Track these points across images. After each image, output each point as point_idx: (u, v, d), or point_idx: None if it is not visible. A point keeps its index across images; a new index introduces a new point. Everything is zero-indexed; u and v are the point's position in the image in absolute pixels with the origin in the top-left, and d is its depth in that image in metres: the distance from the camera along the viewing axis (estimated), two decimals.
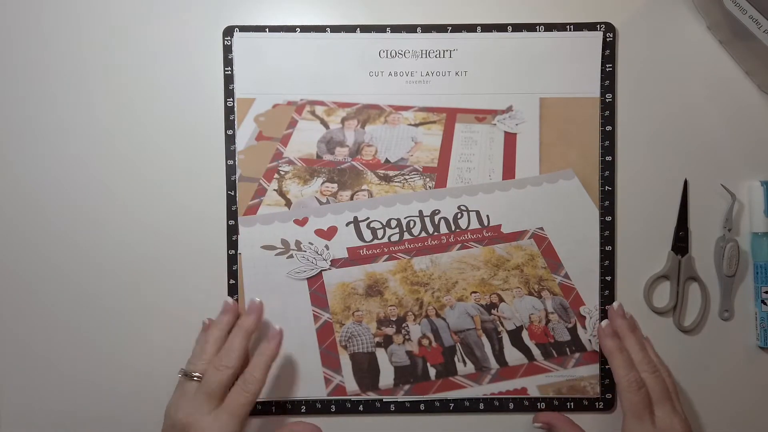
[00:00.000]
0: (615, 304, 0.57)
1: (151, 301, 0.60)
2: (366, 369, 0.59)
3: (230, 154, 0.60)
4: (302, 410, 0.59)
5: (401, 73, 0.60)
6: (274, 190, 0.60)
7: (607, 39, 0.60)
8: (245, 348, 0.55)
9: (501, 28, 0.60)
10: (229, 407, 0.52)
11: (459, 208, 0.60)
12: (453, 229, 0.60)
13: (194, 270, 0.60)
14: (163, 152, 0.60)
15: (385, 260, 0.60)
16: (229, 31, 0.60)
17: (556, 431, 0.57)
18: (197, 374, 0.53)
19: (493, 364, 0.59)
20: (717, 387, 0.60)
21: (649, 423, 0.52)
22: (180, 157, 0.60)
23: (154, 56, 0.60)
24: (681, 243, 0.59)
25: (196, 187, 0.60)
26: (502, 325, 0.59)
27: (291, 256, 0.60)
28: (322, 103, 0.61)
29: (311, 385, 0.58)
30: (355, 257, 0.60)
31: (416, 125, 0.61)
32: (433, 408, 0.59)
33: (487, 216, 0.60)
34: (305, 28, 0.60)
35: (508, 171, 0.60)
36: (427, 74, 0.60)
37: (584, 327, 0.59)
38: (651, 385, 0.53)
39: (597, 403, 0.59)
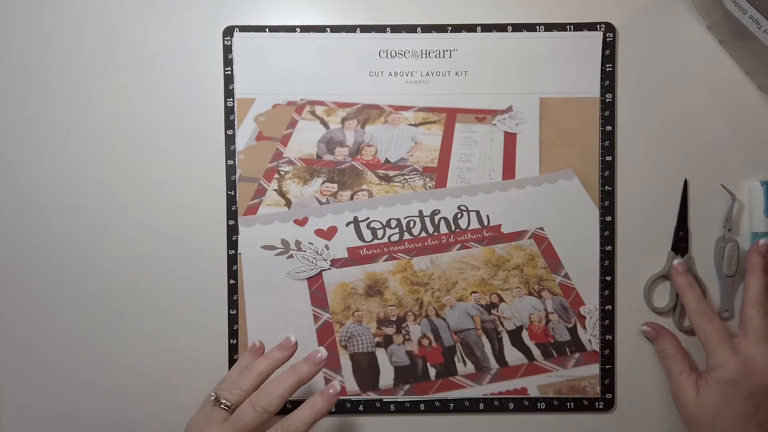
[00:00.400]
0: (676, 262, 0.58)
1: (151, 301, 0.60)
2: (366, 369, 0.59)
3: (230, 154, 0.60)
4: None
5: (401, 73, 0.60)
6: (274, 190, 0.60)
7: (607, 39, 0.60)
8: (290, 395, 0.51)
9: (501, 28, 0.60)
10: None
11: (459, 208, 0.60)
12: (453, 229, 0.60)
13: (194, 270, 0.60)
14: (163, 152, 0.60)
15: (385, 260, 0.60)
16: (229, 31, 0.60)
17: (658, 345, 0.58)
18: (229, 404, 0.51)
19: (493, 364, 0.59)
20: None
21: (730, 351, 0.53)
22: (180, 157, 0.60)
23: (154, 56, 0.60)
24: (681, 243, 0.59)
25: (196, 187, 0.60)
26: (502, 325, 0.59)
27: (291, 256, 0.60)
28: (322, 103, 0.61)
29: (311, 385, 0.58)
30: (355, 257, 0.60)
31: (416, 125, 0.61)
32: (433, 408, 0.59)
33: (487, 216, 0.60)
34: (305, 28, 0.60)
35: (508, 171, 0.60)
36: (427, 74, 0.60)
37: (584, 327, 0.59)
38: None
39: (597, 403, 0.59)
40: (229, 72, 0.60)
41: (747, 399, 0.52)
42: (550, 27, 0.60)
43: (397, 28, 0.60)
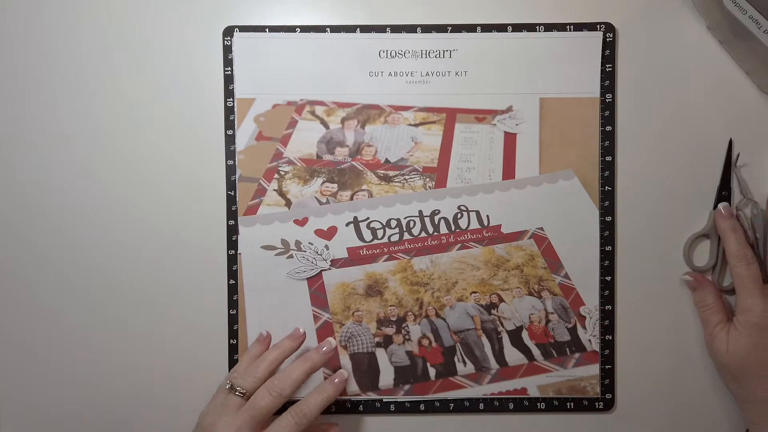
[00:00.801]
0: (721, 205, 0.58)
1: (151, 301, 0.60)
2: (366, 369, 0.59)
3: (230, 154, 0.60)
4: None
5: (401, 73, 0.60)
6: (274, 190, 0.60)
7: (607, 39, 0.60)
8: (304, 382, 0.55)
9: (501, 28, 0.60)
10: None
11: (459, 208, 0.60)
12: (453, 229, 0.60)
13: (194, 270, 0.60)
14: (163, 152, 0.60)
15: (385, 260, 0.60)
16: (229, 31, 0.60)
17: (698, 295, 0.58)
18: (244, 391, 0.53)
19: (493, 364, 0.59)
20: None
21: (759, 296, 0.54)
22: (180, 157, 0.60)
23: (154, 56, 0.60)
24: (723, 202, 0.59)
25: (196, 187, 0.60)
26: (502, 325, 0.59)
27: (291, 256, 0.60)
28: (321, 103, 0.61)
29: (312, 385, 0.58)
30: (355, 257, 0.60)
31: (416, 125, 0.61)
32: (433, 408, 0.59)
33: (487, 216, 0.60)
34: (305, 28, 0.60)
35: (508, 171, 0.60)
36: (427, 74, 0.60)
37: (584, 327, 0.59)
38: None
39: (597, 403, 0.59)
40: (229, 72, 0.60)
41: None
42: (550, 27, 0.60)
43: (397, 28, 0.60)
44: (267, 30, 0.60)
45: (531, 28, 0.60)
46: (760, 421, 0.53)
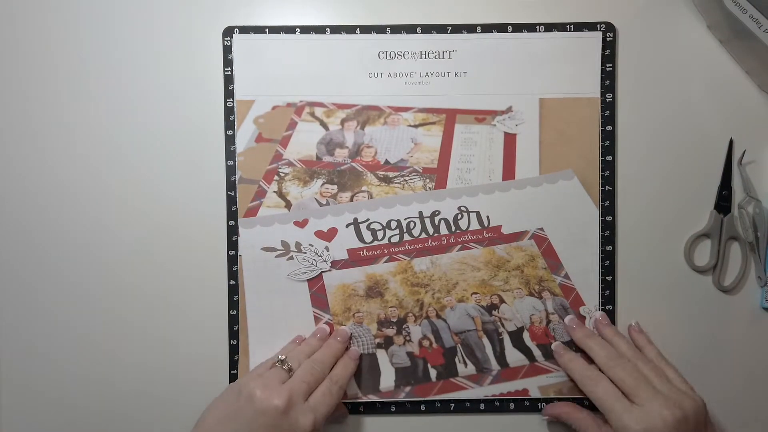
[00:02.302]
0: (567, 318, 0.59)
1: (151, 301, 0.60)
2: (367, 370, 0.59)
3: (230, 154, 0.60)
4: None
5: (401, 74, 0.60)
6: (274, 191, 0.60)
7: (607, 39, 0.60)
8: (331, 366, 0.56)
9: (501, 28, 0.60)
10: (323, 398, 0.53)
11: (459, 209, 0.60)
12: (453, 230, 0.60)
13: (194, 270, 0.60)
14: (164, 152, 0.60)
15: (386, 261, 0.60)
16: (228, 32, 0.60)
17: (566, 420, 0.57)
18: (291, 366, 0.54)
19: (494, 365, 0.59)
20: (758, 345, 0.60)
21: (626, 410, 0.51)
22: (180, 157, 0.60)
23: (154, 57, 0.60)
24: (724, 202, 0.59)
25: (197, 188, 0.60)
26: (503, 326, 0.59)
27: (291, 258, 0.60)
28: (321, 105, 0.60)
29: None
30: (355, 258, 0.60)
31: (416, 126, 0.61)
32: (434, 409, 0.59)
33: (487, 217, 0.60)
34: (305, 29, 0.60)
35: (508, 171, 0.60)
36: (427, 75, 0.60)
37: None
38: (620, 376, 0.53)
39: None
40: (229, 72, 0.60)
41: None
42: (550, 27, 0.60)
43: (396, 29, 0.60)
44: (267, 31, 0.60)
45: (531, 28, 0.60)
46: None
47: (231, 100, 0.60)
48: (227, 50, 0.60)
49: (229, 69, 0.60)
